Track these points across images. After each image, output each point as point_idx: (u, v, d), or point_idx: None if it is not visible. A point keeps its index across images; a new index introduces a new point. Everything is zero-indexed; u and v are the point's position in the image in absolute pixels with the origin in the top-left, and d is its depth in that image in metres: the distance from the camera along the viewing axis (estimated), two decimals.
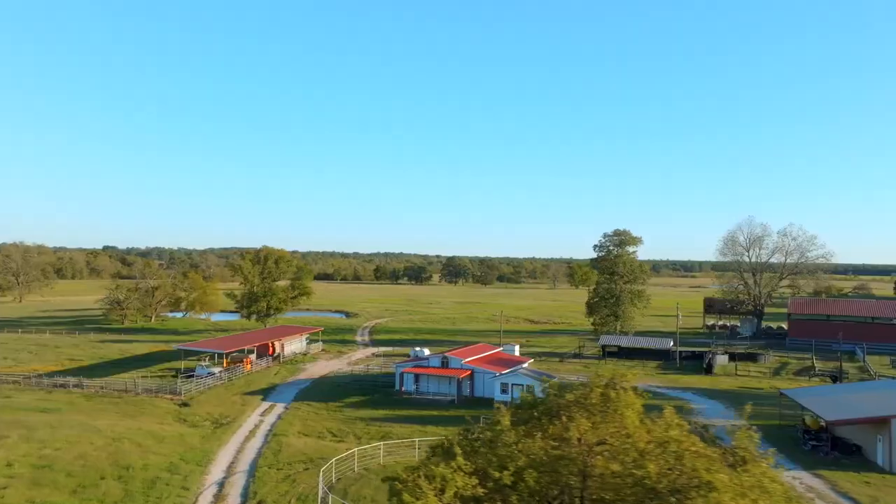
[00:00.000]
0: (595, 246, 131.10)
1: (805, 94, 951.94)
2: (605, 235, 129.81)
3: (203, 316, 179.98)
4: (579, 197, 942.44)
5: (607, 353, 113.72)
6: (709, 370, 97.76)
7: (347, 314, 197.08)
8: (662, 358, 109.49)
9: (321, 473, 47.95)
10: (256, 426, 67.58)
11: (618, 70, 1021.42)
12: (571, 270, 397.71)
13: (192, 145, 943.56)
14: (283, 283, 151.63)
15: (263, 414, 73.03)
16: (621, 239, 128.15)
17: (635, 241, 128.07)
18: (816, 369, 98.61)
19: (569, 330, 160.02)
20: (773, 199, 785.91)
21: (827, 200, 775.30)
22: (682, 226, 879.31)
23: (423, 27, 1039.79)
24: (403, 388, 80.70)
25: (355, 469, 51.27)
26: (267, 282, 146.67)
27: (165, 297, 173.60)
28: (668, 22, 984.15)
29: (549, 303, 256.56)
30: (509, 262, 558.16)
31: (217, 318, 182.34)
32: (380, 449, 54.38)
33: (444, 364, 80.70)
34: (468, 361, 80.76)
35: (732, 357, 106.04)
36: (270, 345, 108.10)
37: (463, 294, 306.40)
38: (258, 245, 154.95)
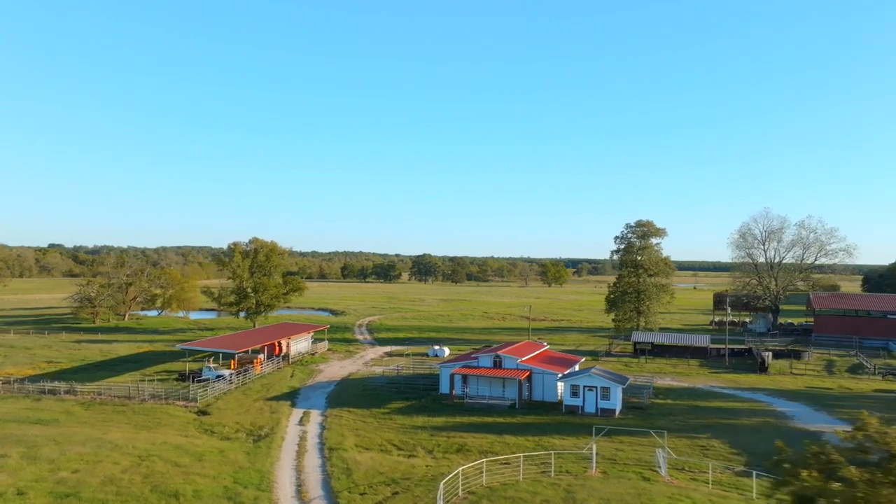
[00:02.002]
0: (616, 237, 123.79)
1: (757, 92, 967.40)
2: (626, 226, 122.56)
3: (181, 314, 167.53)
4: (538, 196, 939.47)
5: (639, 350, 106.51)
6: (763, 369, 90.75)
7: (334, 312, 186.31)
8: (700, 355, 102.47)
9: (439, 498, 38.54)
10: (302, 438, 57.74)
11: (582, 68, 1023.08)
12: (544, 269, 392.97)
13: (138, 141, 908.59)
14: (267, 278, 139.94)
15: (301, 423, 63.15)
16: (644, 231, 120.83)
17: (659, 232, 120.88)
18: (875, 367, 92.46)
19: (575, 327, 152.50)
20: (722, 197, 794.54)
21: (785, 198, 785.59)
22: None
23: (379, 23, 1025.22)
24: (455, 392, 71.33)
25: (459, 493, 41.98)
26: (257, 276, 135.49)
27: (140, 293, 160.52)
28: (662, 13, 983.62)
29: (534, 300, 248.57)
30: (471, 260, 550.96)
31: (194, 316, 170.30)
32: (482, 468, 45.05)
33: (497, 364, 71.74)
34: (524, 361, 71.94)
35: (776, 355, 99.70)
36: (277, 344, 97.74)
37: (442, 292, 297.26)
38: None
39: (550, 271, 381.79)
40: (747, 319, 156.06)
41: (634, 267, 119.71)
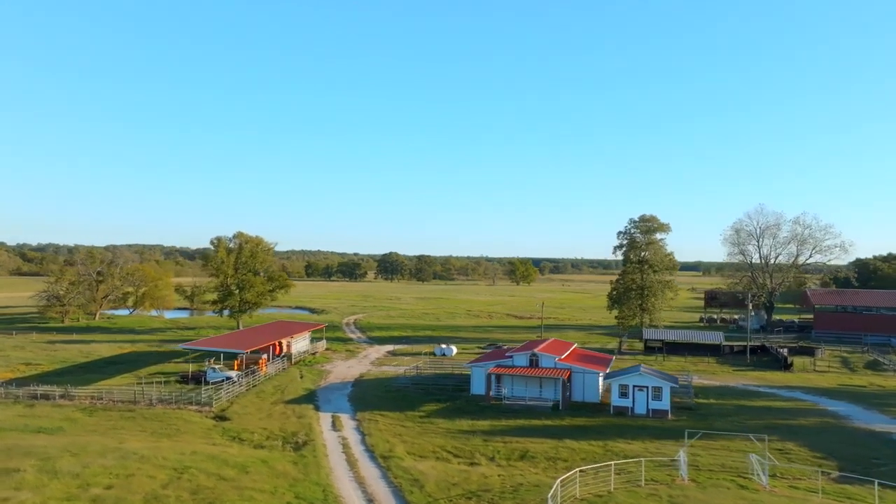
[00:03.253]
0: (619, 233, 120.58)
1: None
2: (630, 221, 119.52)
3: (154, 313, 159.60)
4: (498, 196, 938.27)
5: (649, 348, 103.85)
6: (787, 366, 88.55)
7: (313, 311, 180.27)
8: (713, 353, 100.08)
9: None
10: (344, 446, 52.77)
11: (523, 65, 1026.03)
12: (513, 267, 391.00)
13: (80, 137, 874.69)
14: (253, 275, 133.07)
15: (335, 429, 58.16)
16: (649, 226, 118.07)
17: (664, 227, 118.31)
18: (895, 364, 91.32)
19: (568, 325, 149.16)
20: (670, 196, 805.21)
21: (751, 198, 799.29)
22: (592, 226, 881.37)
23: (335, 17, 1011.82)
24: (492, 393, 66.98)
25: None
26: (241, 273, 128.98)
27: (111, 291, 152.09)
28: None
29: (509, 298, 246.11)
30: (433, 259, 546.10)
31: (169, 315, 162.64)
32: (576, 479, 40.74)
33: (534, 363, 67.71)
34: (562, 359, 68.04)
35: (791, 351, 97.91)
36: (277, 344, 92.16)
37: (414, 290, 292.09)
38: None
39: (519, 270, 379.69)
40: (735, 316, 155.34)
41: (640, 263, 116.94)
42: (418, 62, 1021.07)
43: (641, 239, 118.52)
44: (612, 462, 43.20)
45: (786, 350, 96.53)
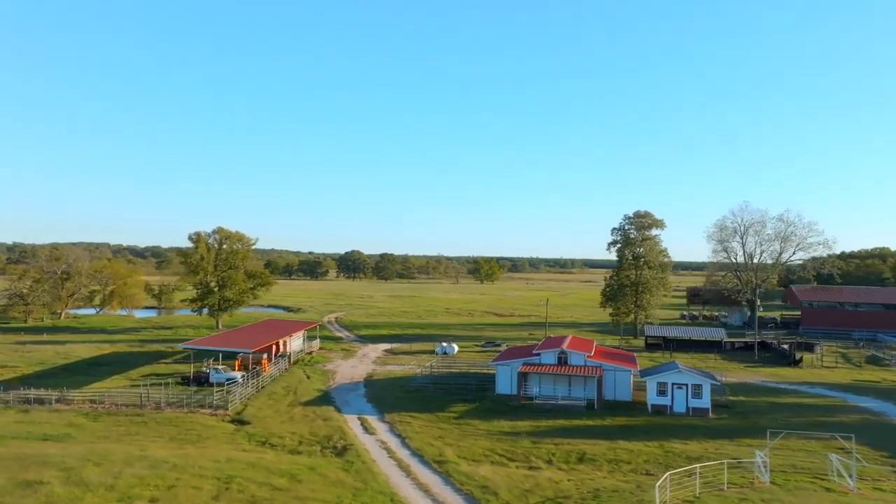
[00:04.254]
0: (614, 229, 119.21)
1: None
2: (625, 218, 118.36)
3: (123, 312, 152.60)
4: (453, 194, 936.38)
5: (650, 345, 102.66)
6: (796, 362, 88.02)
7: (289, 309, 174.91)
8: (714, 349, 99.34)
9: None
10: (387, 450, 49.45)
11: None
12: (477, 266, 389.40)
13: (27, 134, 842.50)
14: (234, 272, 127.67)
15: (368, 432, 54.79)
16: (643, 222, 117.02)
17: (659, 224, 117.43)
18: None
19: (556, 322, 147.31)
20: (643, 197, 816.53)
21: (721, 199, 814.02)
22: (546, 227, 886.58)
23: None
24: (523, 393, 64.23)
25: None
26: (221, 270, 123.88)
27: (78, 289, 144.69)
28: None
29: (480, 296, 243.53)
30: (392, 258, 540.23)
31: (139, 314, 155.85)
32: (666, 482, 38.20)
33: (562, 361, 65.27)
34: (592, 357, 65.74)
35: (792, 348, 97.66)
36: (275, 343, 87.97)
37: (383, 289, 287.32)
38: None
39: (483, 268, 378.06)
40: (717, 313, 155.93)
41: (635, 259, 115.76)
42: (402, 60, 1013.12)
43: (636, 235, 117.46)
44: (698, 465, 40.69)
45: (787, 346, 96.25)
